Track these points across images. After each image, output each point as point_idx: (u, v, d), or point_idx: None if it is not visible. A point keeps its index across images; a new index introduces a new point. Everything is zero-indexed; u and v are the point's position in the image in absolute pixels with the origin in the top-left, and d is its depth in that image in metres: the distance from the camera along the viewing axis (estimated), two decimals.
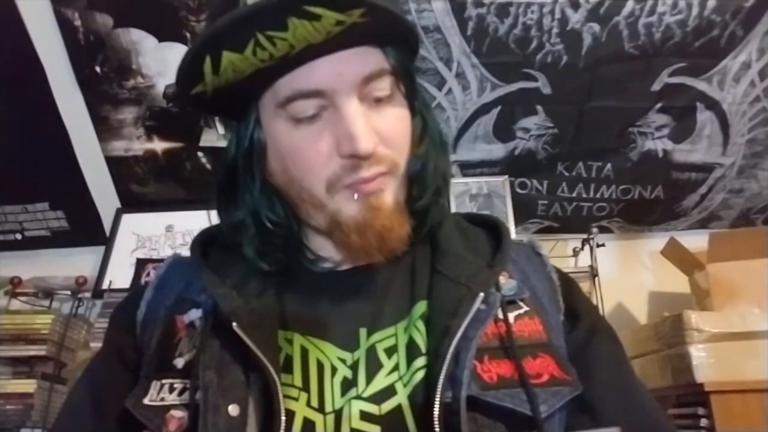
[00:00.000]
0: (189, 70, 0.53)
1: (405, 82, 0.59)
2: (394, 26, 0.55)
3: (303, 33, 0.50)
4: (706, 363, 1.34)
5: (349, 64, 0.54)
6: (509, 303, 0.58)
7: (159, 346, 0.59)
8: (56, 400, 1.69)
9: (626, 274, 1.90)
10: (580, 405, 0.54)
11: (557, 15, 1.53)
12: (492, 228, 0.66)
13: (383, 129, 0.56)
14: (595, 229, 1.79)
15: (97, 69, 1.68)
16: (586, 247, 1.78)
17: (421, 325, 0.56)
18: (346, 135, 0.53)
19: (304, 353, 0.56)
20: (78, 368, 1.78)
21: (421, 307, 0.57)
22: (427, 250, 0.62)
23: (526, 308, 0.59)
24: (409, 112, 0.60)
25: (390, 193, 0.57)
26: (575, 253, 1.82)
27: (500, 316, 0.56)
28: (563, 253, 1.85)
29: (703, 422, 1.31)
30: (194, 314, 0.58)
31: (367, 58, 0.55)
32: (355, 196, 0.55)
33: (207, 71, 0.52)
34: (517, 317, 0.57)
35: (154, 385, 0.55)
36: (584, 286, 1.67)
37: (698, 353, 1.35)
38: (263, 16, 0.49)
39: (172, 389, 0.54)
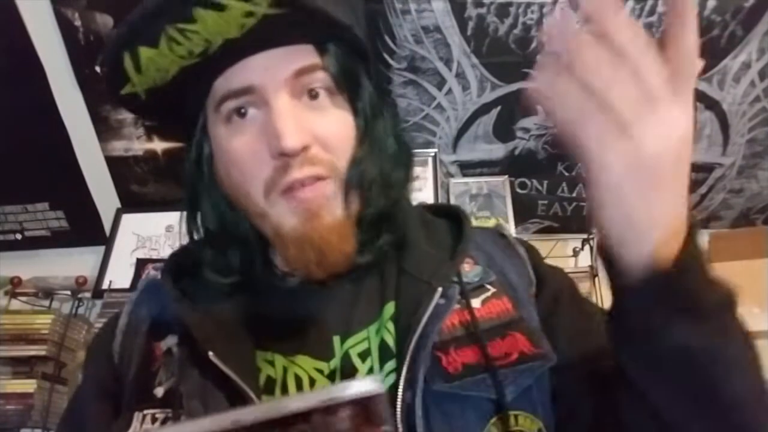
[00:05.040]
0: (112, 70, 0.53)
1: (345, 83, 0.57)
2: (318, 21, 0.53)
3: (214, 26, 0.49)
4: None
5: (278, 60, 0.53)
6: (476, 289, 0.58)
7: (137, 374, 0.58)
8: (56, 401, 1.69)
9: None
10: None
11: (557, 15, 1.53)
12: (454, 218, 0.65)
13: (320, 130, 0.54)
14: (595, 229, 1.79)
15: (97, 69, 1.68)
16: (586, 247, 1.78)
17: (391, 326, 0.55)
18: (273, 132, 0.52)
19: (285, 372, 0.55)
20: (78, 368, 1.78)
21: (390, 308, 0.56)
22: (393, 248, 0.61)
23: (493, 290, 0.58)
24: (353, 116, 0.58)
25: (332, 203, 0.55)
26: (575, 253, 1.82)
27: (464, 304, 0.56)
28: (563, 253, 1.85)
29: None
30: (171, 340, 0.57)
31: (297, 54, 0.54)
32: (294, 205, 0.53)
33: (129, 69, 0.52)
34: (484, 301, 0.57)
35: (137, 416, 0.54)
36: (584, 286, 1.67)
37: None
38: (169, 8, 0.49)
39: (154, 419, 0.54)
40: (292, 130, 0.52)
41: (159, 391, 0.55)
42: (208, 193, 0.59)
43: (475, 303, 0.56)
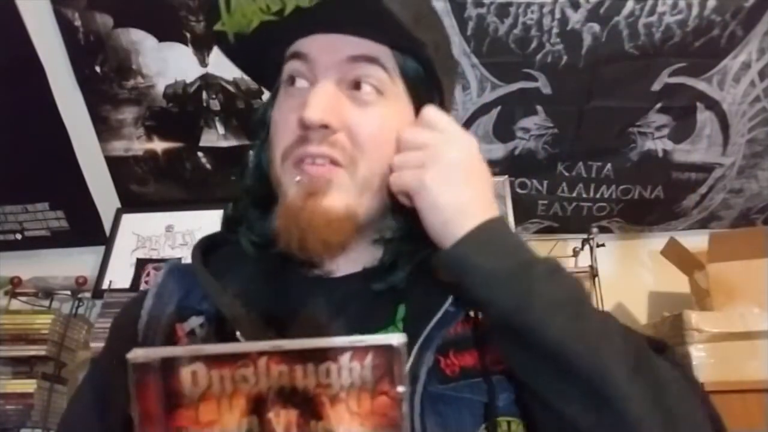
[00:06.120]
0: (210, 5, 0.57)
1: (410, 86, 0.58)
2: (384, 20, 0.53)
3: None
4: (706, 363, 1.34)
5: (340, 43, 0.56)
6: None
7: None
8: (56, 400, 1.69)
9: (626, 274, 1.90)
10: None
11: (557, 15, 1.53)
12: None
13: (353, 121, 0.55)
14: (595, 229, 1.79)
15: (97, 69, 1.68)
16: (586, 247, 1.78)
17: (400, 326, 0.57)
18: (303, 103, 0.54)
19: None
20: (78, 368, 1.78)
21: (401, 310, 0.58)
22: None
23: None
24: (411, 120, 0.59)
25: (339, 191, 0.55)
26: (575, 253, 1.82)
27: (471, 314, 0.57)
28: (563, 253, 1.85)
29: None
30: (195, 321, 0.58)
31: (363, 43, 0.56)
32: (297, 178, 0.55)
33: (222, 5, 0.56)
34: None
35: None
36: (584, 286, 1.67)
37: (698, 353, 1.35)
38: None
39: None
40: (318, 104, 0.54)
41: None
42: (260, 153, 0.62)
43: (479, 313, 0.58)
